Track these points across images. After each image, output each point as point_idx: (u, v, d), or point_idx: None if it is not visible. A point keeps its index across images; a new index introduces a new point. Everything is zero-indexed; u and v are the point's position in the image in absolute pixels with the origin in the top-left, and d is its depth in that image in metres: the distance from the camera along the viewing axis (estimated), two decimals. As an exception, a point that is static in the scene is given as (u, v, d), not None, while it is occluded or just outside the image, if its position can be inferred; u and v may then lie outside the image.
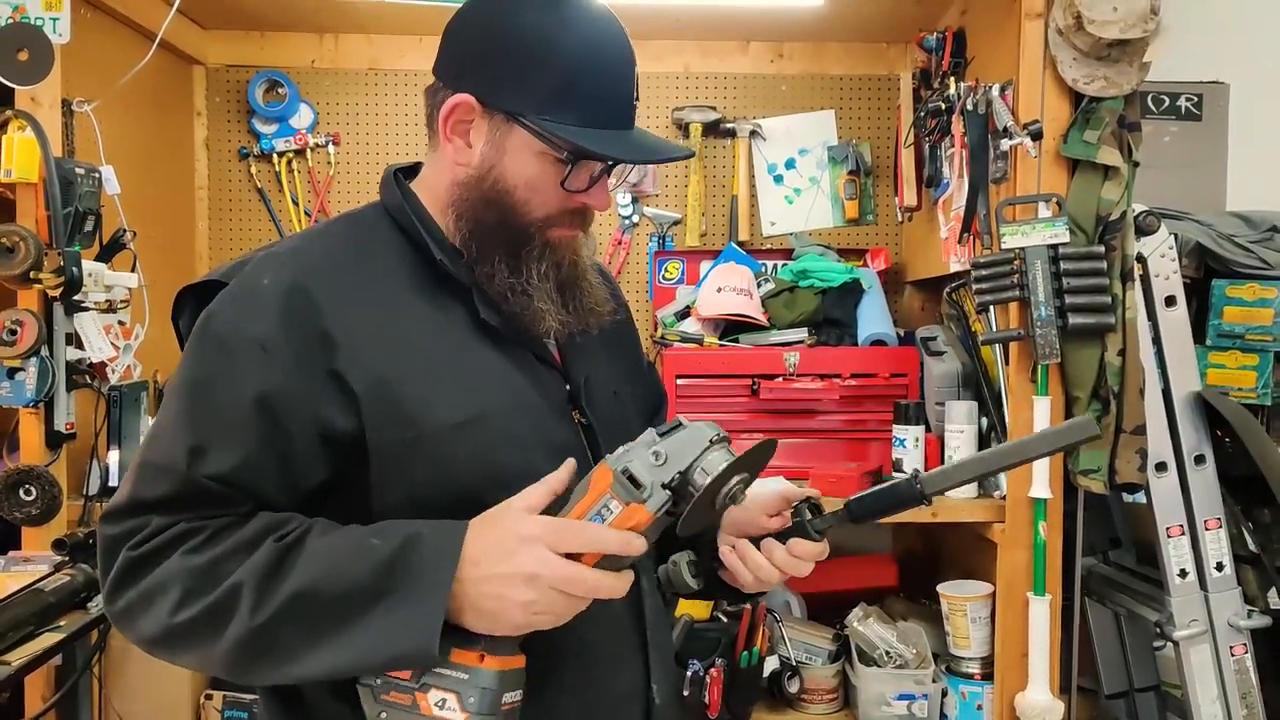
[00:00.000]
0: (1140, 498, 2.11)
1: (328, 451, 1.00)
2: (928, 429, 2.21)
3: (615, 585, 0.95)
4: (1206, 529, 2.04)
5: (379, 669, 0.96)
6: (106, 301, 2.05)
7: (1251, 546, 2.13)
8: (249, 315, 1.00)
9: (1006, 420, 2.07)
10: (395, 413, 1.00)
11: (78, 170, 1.97)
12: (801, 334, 2.42)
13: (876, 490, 1.09)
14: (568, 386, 1.14)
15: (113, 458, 2.05)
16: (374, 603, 0.94)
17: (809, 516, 1.11)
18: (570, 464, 1.01)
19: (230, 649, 0.95)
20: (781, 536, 1.11)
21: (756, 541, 1.13)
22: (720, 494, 0.96)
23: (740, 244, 2.68)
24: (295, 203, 2.70)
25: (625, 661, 1.13)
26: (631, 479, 0.95)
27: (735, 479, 0.96)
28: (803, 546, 1.10)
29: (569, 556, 0.94)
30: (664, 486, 0.95)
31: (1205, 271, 2.22)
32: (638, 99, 1.12)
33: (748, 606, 2.23)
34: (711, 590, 1.20)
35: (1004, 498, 2.06)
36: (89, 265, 1.97)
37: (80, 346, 2.00)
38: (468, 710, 0.94)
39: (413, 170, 1.17)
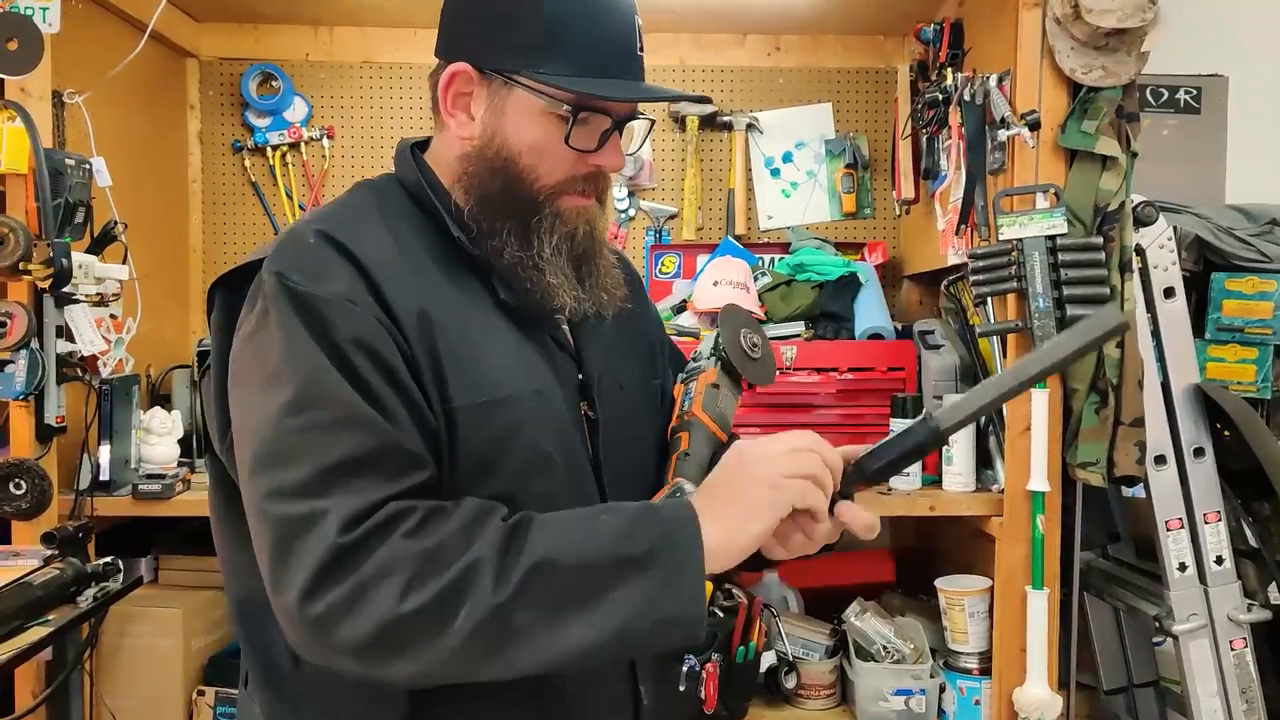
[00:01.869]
0: (1139, 491, 2.09)
1: (425, 397, 0.97)
2: (925, 422, 2.19)
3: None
4: (1206, 522, 2.02)
5: (641, 642, 0.90)
6: (98, 294, 2.04)
7: (1251, 540, 2.11)
8: (320, 274, 0.96)
9: (1004, 413, 2.05)
10: (440, 385, 0.98)
11: (68, 161, 1.96)
12: (798, 328, 2.41)
13: (889, 441, 1.00)
14: (580, 375, 1.12)
15: (103, 452, 2.04)
16: (626, 569, 0.89)
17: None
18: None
19: (468, 637, 0.87)
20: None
21: None
22: (742, 349, 1.20)
23: (737, 238, 2.68)
24: (289, 196, 2.68)
25: (611, 667, 1.10)
26: (690, 371, 1.23)
27: (741, 335, 1.21)
28: (852, 513, 1.00)
29: None
30: (709, 357, 1.22)
31: (1204, 265, 2.20)
32: (642, 48, 1.07)
33: (744, 601, 2.21)
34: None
35: (1002, 491, 2.05)
36: (79, 257, 1.95)
37: (71, 339, 1.98)
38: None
39: (425, 145, 1.14)
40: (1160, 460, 2.02)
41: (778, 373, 2.27)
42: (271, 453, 0.92)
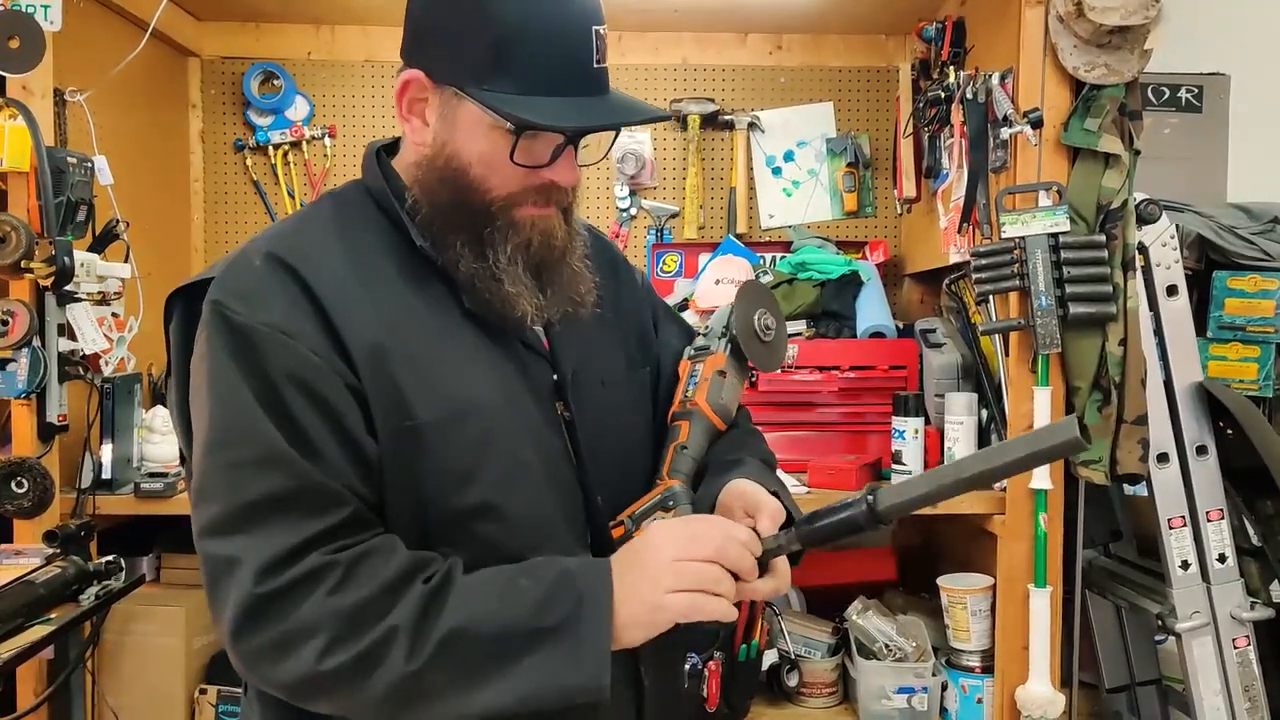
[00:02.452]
0: (1142, 489, 2.09)
1: (367, 425, 0.98)
2: (927, 421, 2.20)
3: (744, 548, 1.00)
4: (1208, 520, 2.02)
5: (545, 705, 0.94)
6: (99, 293, 2.04)
7: (1254, 539, 2.11)
8: (259, 302, 0.96)
9: (1006, 411, 2.05)
10: (395, 400, 0.98)
11: (70, 160, 1.96)
12: (800, 326, 2.40)
13: (828, 517, 1.00)
14: (555, 376, 1.11)
15: (105, 451, 2.04)
16: (536, 640, 0.93)
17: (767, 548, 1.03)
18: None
19: (383, 695, 0.92)
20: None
21: None
22: (754, 332, 1.22)
23: (738, 236, 2.67)
24: (291, 195, 2.68)
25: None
26: (699, 349, 1.24)
27: (756, 316, 1.23)
28: (781, 571, 1.05)
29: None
30: (719, 338, 1.23)
31: (1206, 263, 2.20)
32: (600, 61, 1.02)
33: (745, 599, 2.21)
34: None
35: (1004, 489, 2.05)
36: (81, 255, 1.95)
37: (73, 338, 1.98)
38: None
39: (392, 147, 1.13)
40: (1163, 458, 2.02)
41: (779, 371, 2.28)
42: (199, 489, 0.96)
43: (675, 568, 0.97)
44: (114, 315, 2.09)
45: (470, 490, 1.00)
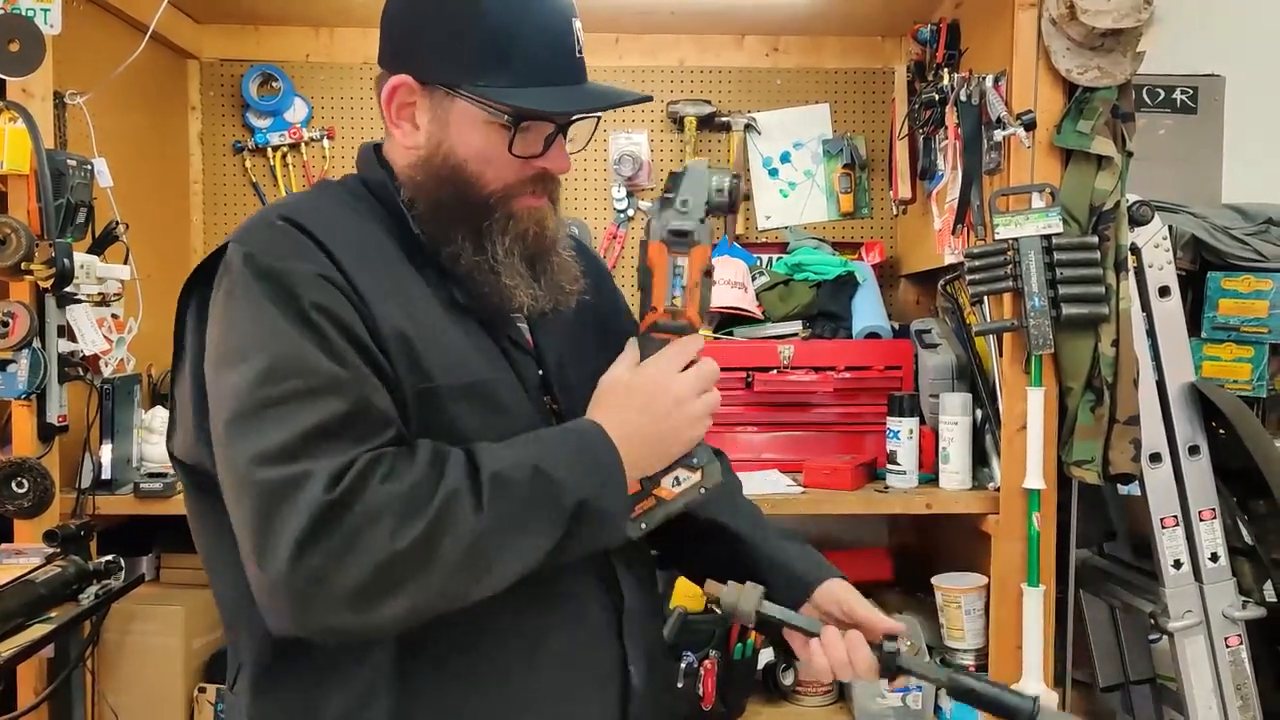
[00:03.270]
0: (1135, 489, 2.11)
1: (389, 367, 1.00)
2: (922, 421, 2.21)
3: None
4: (1201, 520, 2.03)
5: (586, 537, 0.99)
6: (99, 294, 2.05)
7: (1247, 538, 2.13)
8: (288, 253, 0.99)
9: (1000, 411, 2.07)
10: (415, 364, 1.00)
11: (69, 162, 1.97)
12: (796, 327, 2.42)
13: (986, 687, 1.11)
14: (540, 371, 1.13)
15: (105, 451, 2.05)
16: (563, 467, 0.98)
17: (897, 656, 1.12)
18: (632, 341, 1.10)
19: (459, 559, 0.92)
20: (882, 668, 1.12)
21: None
22: (737, 197, 1.10)
23: (735, 237, 2.68)
24: (290, 197, 2.69)
25: (599, 637, 1.12)
26: (678, 233, 1.08)
27: (734, 179, 1.11)
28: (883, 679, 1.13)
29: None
30: (702, 221, 1.08)
31: (1201, 264, 2.22)
32: (581, 52, 1.08)
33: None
34: (767, 636, 1.24)
35: (998, 489, 2.06)
36: (81, 257, 1.96)
37: (73, 339, 1.99)
38: (698, 467, 1.08)
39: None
40: (1155, 458, 2.04)
41: (774, 371, 2.29)
42: (251, 422, 0.93)
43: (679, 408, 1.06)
44: (114, 316, 2.10)
45: None
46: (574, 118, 1.09)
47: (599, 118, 1.12)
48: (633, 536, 1.05)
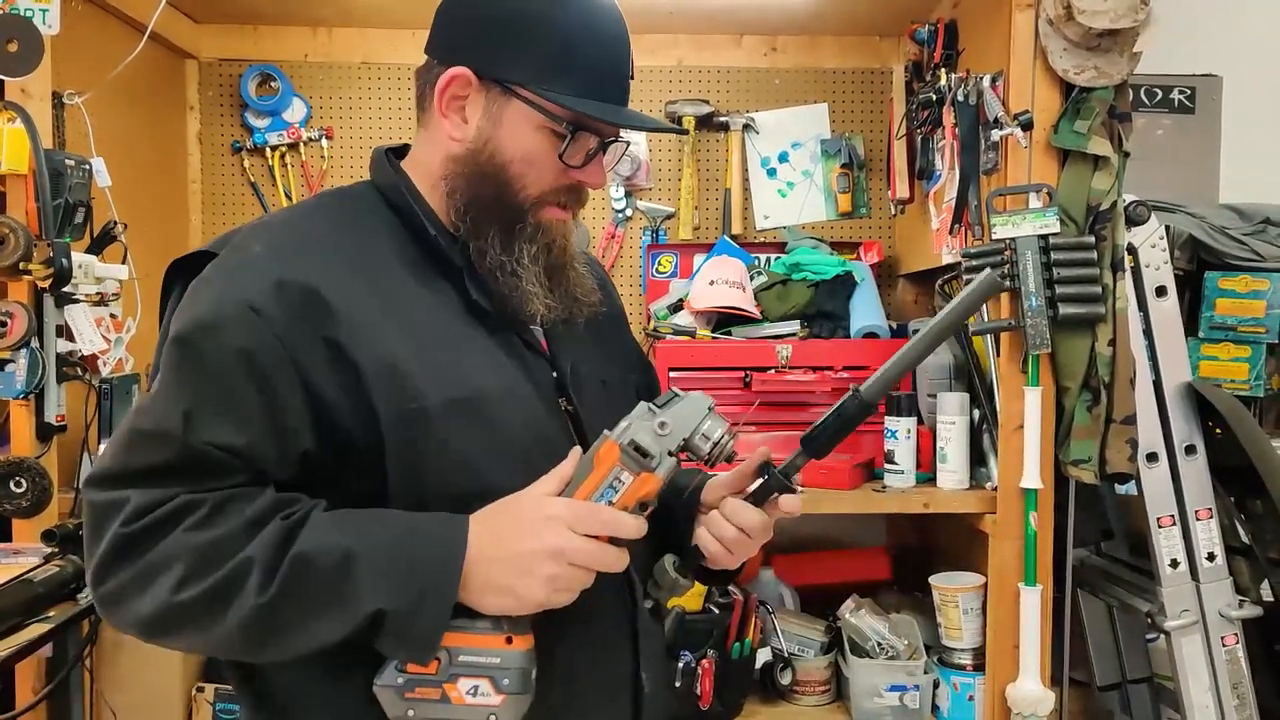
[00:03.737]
0: (1132, 488, 2.11)
1: (313, 418, 0.98)
2: (920, 421, 2.21)
3: (621, 560, 0.99)
4: (1197, 519, 2.04)
5: (384, 637, 0.94)
6: (98, 294, 2.05)
7: (1244, 537, 2.13)
8: (241, 279, 0.99)
9: (998, 411, 2.07)
10: (401, 386, 0.99)
11: (68, 162, 1.97)
12: (794, 327, 2.42)
13: (823, 419, 1.10)
14: (554, 374, 1.13)
15: (103, 451, 2.05)
16: (381, 566, 0.94)
17: (771, 471, 1.11)
18: (575, 452, 1.02)
19: (236, 628, 0.93)
20: (757, 498, 1.11)
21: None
22: (720, 454, 1.04)
23: (733, 237, 2.69)
24: (289, 197, 2.69)
25: (615, 649, 1.12)
26: (640, 450, 1.00)
27: (728, 436, 1.04)
28: (789, 501, 1.11)
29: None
30: (670, 454, 1.01)
31: (1198, 264, 2.22)
32: (632, 76, 1.12)
33: (739, 598, 2.23)
34: (704, 579, 1.22)
35: (995, 489, 2.07)
36: (79, 257, 1.96)
37: (71, 339, 2.00)
38: (504, 692, 0.96)
39: (400, 152, 1.16)
40: (1152, 458, 2.04)
41: (772, 371, 2.30)
42: (112, 444, 1.00)
43: (547, 559, 0.97)
44: (112, 316, 2.10)
45: (473, 475, 1.02)
46: (611, 139, 1.12)
47: (627, 144, 1.15)
48: (393, 718, 0.96)
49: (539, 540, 0.96)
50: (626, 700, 1.14)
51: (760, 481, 1.12)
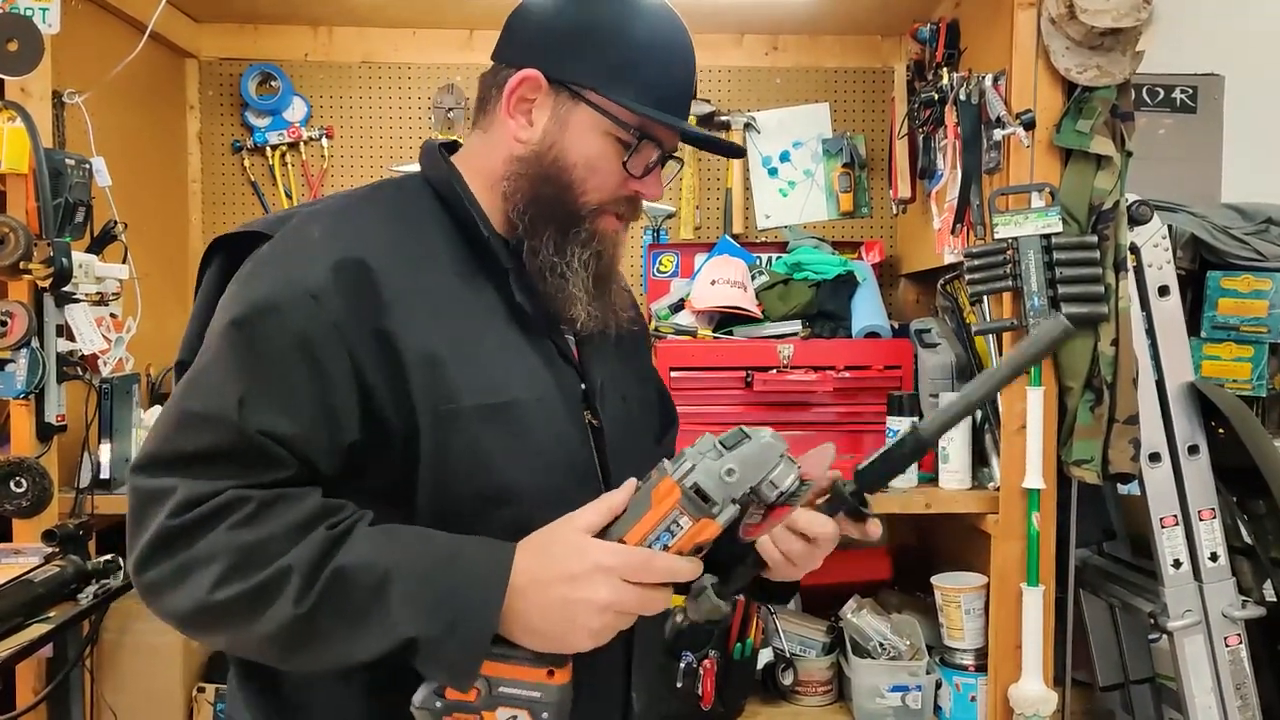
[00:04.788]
0: (1134, 489, 2.11)
1: (361, 409, 0.98)
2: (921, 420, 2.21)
3: (666, 602, 0.97)
4: (1200, 519, 2.03)
5: (420, 659, 0.93)
6: (98, 294, 2.04)
7: (1246, 537, 2.12)
8: (300, 264, 0.99)
9: (1000, 411, 2.06)
10: (441, 384, 1.00)
11: (68, 161, 1.97)
12: (795, 326, 2.42)
13: (879, 453, 1.04)
14: (583, 385, 1.14)
15: (104, 450, 2.05)
16: (421, 587, 0.92)
17: (847, 491, 1.06)
18: (630, 484, 0.98)
19: (271, 634, 0.92)
20: (830, 510, 1.07)
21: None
22: (782, 502, 0.96)
23: (735, 237, 2.68)
24: (289, 196, 2.69)
25: (603, 670, 1.10)
26: (701, 494, 0.92)
27: (799, 484, 0.96)
28: (874, 526, 1.09)
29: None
30: (734, 501, 0.93)
31: (1200, 263, 2.21)
32: (695, 95, 1.14)
33: (740, 599, 2.22)
34: (760, 596, 1.24)
35: (997, 489, 2.06)
36: (79, 256, 1.96)
37: (71, 338, 1.99)
38: None
39: (450, 150, 1.17)
40: (1155, 458, 2.04)
41: (774, 371, 2.29)
42: (159, 426, 0.98)
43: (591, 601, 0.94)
44: (112, 316, 2.10)
45: (494, 477, 1.02)
46: (674, 150, 1.13)
47: (682, 162, 1.17)
48: None
49: (590, 590, 0.93)
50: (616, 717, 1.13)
51: (828, 499, 1.07)
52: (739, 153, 1.23)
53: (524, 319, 1.09)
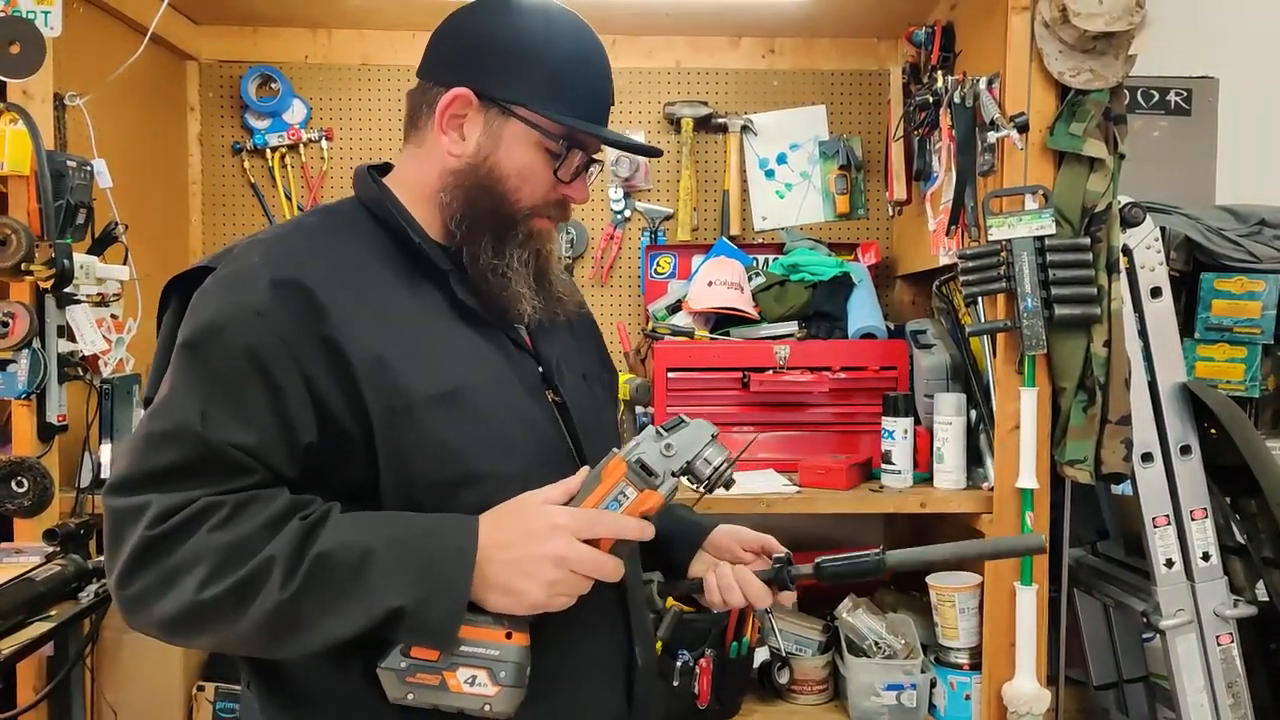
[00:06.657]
0: (1127, 488, 2.12)
1: (314, 413, 1.03)
2: (917, 421, 2.22)
3: (619, 570, 1.06)
4: (1193, 519, 2.05)
5: (404, 630, 0.98)
6: (99, 294, 2.06)
7: (1239, 537, 2.14)
8: (242, 286, 1.04)
9: (994, 412, 2.08)
10: (390, 383, 1.05)
11: (69, 163, 1.98)
12: (792, 327, 2.43)
13: (846, 558, 1.23)
14: (540, 369, 1.20)
15: (104, 450, 2.06)
16: (398, 560, 0.98)
17: (788, 567, 1.23)
18: (584, 470, 1.08)
19: (259, 624, 0.96)
20: (763, 577, 1.24)
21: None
22: (719, 480, 1.11)
23: (731, 238, 2.70)
24: (289, 198, 2.71)
25: (607, 626, 1.17)
26: (645, 468, 1.07)
27: (727, 464, 1.11)
28: (786, 597, 1.25)
29: (588, 543, 1.04)
30: (674, 474, 1.08)
31: (1194, 265, 2.23)
32: (612, 103, 1.21)
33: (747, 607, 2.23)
34: (684, 601, 1.34)
35: (991, 489, 2.08)
36: (81, 258, 1.97)
37: (72, 339, 2.01)
38: (500, 684, 1.01)
39: (382, 170, 1.23)
40: (1147, 458, 2.05)
41: (770, 372, 2.31)
42: (129, 450, 1.03)
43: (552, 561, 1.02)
44: (113, 317, 2.11)
45: (457, 462, 1.07)
46: (596, 156, 1.21)
47: (601, 165, 1.25)
48: (393, 700, 1.00)
49: (544, 546, 1.01)
50: (621, 672, 1.18)
51: (775, 569, 1.24)
52: (656, 153, 1.29)
53: (471, 315, 1.14)
